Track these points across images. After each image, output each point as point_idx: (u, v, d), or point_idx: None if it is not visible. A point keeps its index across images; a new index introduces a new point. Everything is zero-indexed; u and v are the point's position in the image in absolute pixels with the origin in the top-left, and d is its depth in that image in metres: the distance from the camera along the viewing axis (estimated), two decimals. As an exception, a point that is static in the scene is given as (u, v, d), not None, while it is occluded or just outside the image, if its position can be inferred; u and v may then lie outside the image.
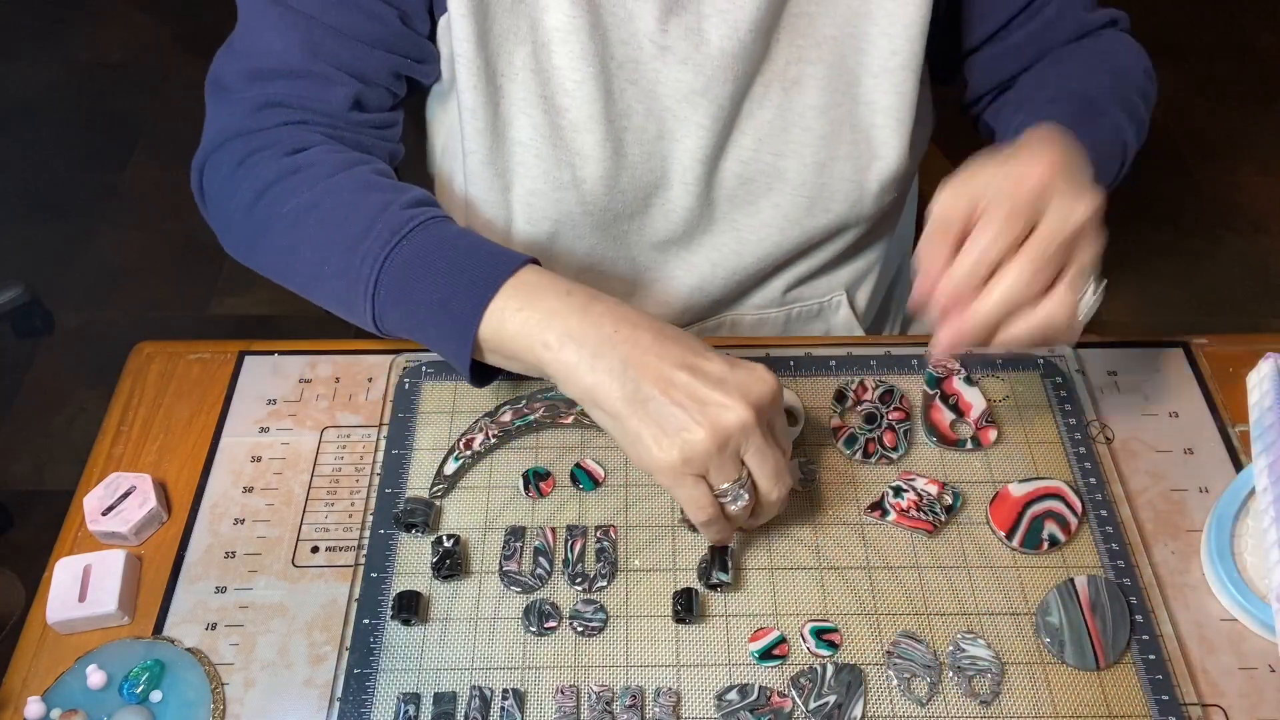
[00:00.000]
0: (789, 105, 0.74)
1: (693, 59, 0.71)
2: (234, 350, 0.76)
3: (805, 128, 0.74)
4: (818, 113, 0.74)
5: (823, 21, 0.71)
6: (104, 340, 1.80)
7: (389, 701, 0.59)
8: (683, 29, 0.70)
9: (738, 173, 0.76)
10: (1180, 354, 0.75)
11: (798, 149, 0.75)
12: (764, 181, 0.77)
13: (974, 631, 0.61)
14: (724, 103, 0.72)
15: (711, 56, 0.70)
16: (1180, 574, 0.64)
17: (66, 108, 2.25)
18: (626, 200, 0.77)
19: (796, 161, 0.75)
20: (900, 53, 0.72)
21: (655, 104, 0.73)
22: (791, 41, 0.72)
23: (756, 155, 0.75)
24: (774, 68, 0.73)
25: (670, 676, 0.60)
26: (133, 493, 0.66)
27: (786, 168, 0.76)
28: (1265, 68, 2.27)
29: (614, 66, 0.72)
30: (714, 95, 0.72)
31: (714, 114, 0.73)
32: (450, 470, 0.69)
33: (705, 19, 0.70)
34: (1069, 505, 0.66)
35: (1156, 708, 0.59)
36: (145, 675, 0.59)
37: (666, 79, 0.72)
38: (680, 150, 0.75)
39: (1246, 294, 1.86)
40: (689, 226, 0.79)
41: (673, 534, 0.66)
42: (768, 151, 0.75)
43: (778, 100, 0.74)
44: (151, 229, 1.98)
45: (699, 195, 0.77)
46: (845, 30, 0.72)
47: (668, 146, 0.75)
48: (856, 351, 0.75)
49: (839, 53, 0.72)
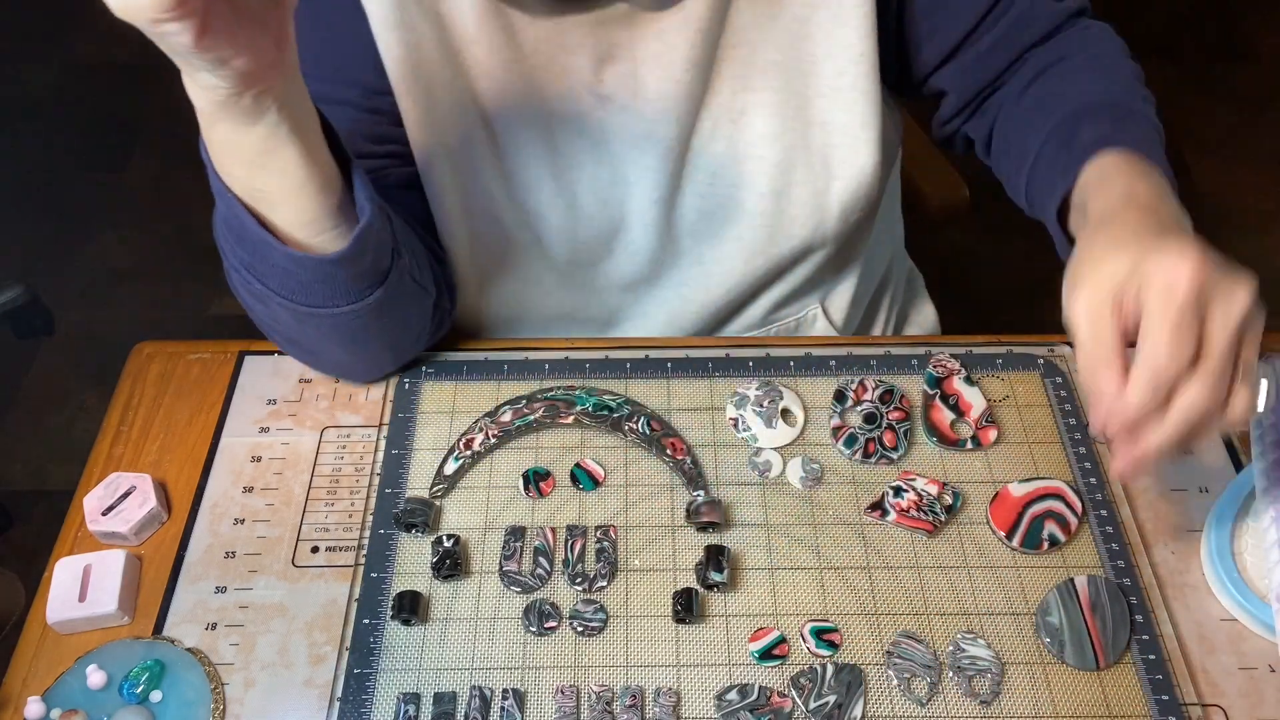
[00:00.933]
0: (739, 136, 0.73)
1: (632, 106, 0.70)
2: (234, 350, 0.76)
3: (758, 157, 0.73)
4: (769, 140, 0.73)
5: (764, 49, 0.70)
6: (104, 340, 1.79)
7: (389, 701, 0.59)
8: (618, 77, 0.69)
9: (696, 208, 0.76)
10: (1180, 354, 0.75)
11: (752, 179, 0.74)
12: (722, 215, 0.76)
13: (974, 631, 0.61)
14: (671, 143, 0.72)
15: (650, 101, 0.70)
16: (1180, 574, 0.64)
17: (66, 108, 2.25)
18: (589, 249, 0.77)
19: (752, 191, 0.75)
20: (847, 72, 0.70)
21: (604, 152, 0.73)
22: (734, 73, 0.71)
23: (712, 189, 0.75)
24: (719, 100, 0.72)
25: (670, 676, 0.60)
26: (133, 493, 0.66)
27: (744, 198, 0.75)
28: (1265, 68, 2.27)
29: (555, 121, 0.72)
30: (659, 137, 0.72)
31: (662, 155, 0.73)
32: (450, 470, 0.69)
33: (640, 64, 0.69)
34: (1069, 505, 0.66)
35: (1156, 708, 0.59)
36: (145, 675, 0.59)
37: (611, 127, 0.72)
38: (635, 193, 0.75)
39: (1246, 294, 1.86)
40: (654, 265, 0.79)
41: (673, 534, 0.66)
42: (723, 184, 0.75)
43: (727, 133, 0.73)
44: (151, 229, 1.98)
45: (660, 234, 0.77)
46: (788, 54, 0.71)
47: (623, 191, 0.75)
48: (856, 351, 0.75)
49: (784, 78, 0.71)
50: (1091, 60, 0.74)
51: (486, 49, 0.68)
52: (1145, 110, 0.70)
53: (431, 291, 0.71)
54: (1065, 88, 0.73)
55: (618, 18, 0.67)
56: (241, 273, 0.62)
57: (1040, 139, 0.70)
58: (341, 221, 0.60)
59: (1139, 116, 0.69)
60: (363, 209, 0.60)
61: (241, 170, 0.56)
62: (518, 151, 0.73)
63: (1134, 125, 0.68)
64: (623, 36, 0.68)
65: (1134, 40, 0.75)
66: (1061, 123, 0.69)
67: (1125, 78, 0.73)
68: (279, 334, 0.69)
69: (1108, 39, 0.76)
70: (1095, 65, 0.73)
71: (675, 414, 0.72)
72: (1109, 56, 0.74)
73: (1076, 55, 0.74)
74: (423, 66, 0.68)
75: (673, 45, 0.68)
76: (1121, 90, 0.71)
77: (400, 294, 0.66)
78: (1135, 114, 0.69)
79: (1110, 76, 0.73)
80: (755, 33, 0.70)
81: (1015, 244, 1.43)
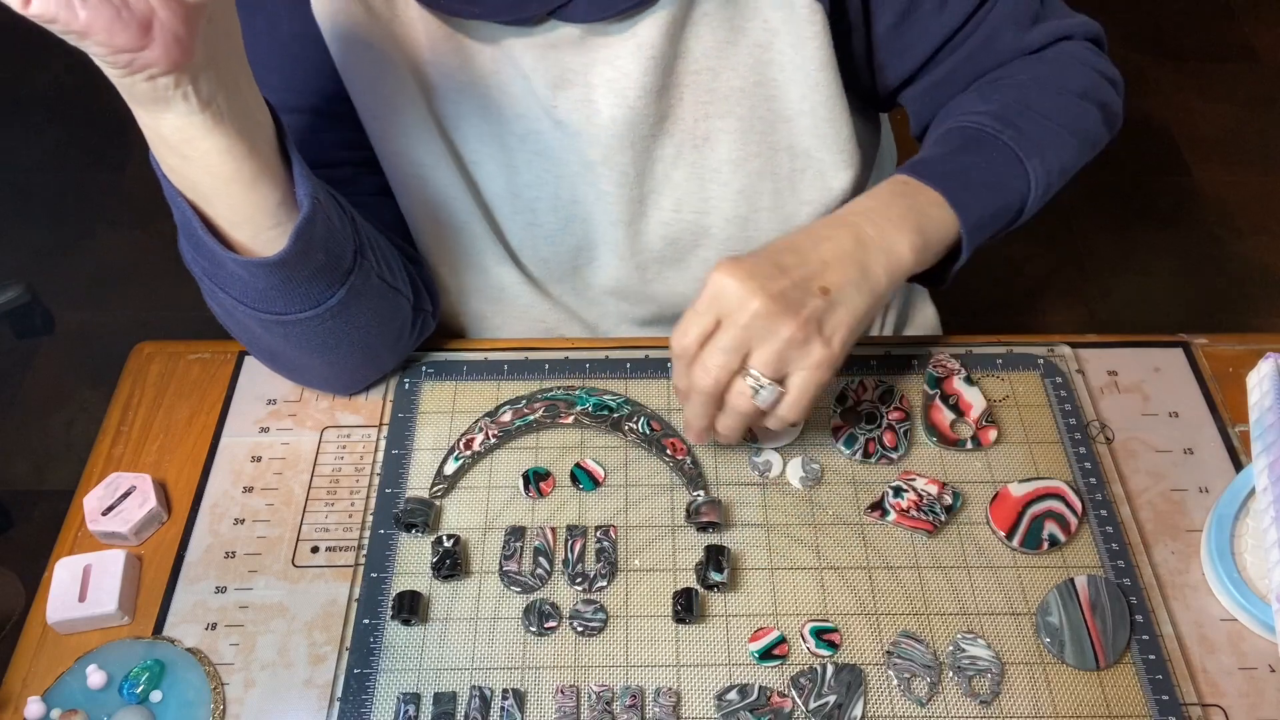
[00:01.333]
0: (702, 163, 0.72)
1: (586, 131, 0.70)
2: (234, 350, 0.76)
3: (723, 183, 0.73)
4: (734, 166, 0.72)
5: (726, 75, 0.69)
6: (104, 340, 1.80)
7: (389, 701, 0.59)
8: (572, 101, 0.69)
9: (661, 234, 0.76)
10: (1180, 354, 0.75)
11: (718, 204, 0.74)
12: (689, 240, 0.76)
13: (974, 631, 0.61)
14: (627, 169, 0.72)
15: (604, 126, 0.69)
16: (1180, 574, 0.64)
17: (66, 108, 2.24)
18: (556, 265, 0.78)
19: (719, 217, 0.75)
20: (809, 97, 0.70)
21: (562, 173, 0.73)
22: (696, 99, 0.70)
23: (677, 216, 0.75)
24: (682, 127, 0.71)
25: (670, 676, 0.60)
26: (133, 493, 0.66)
27: (710, 224, 0.75)
28: (1265, 68, 2.27)
29: (514, 141, 0.72)
30: (615, 163, 0.71)
31: (619, 181, 0.72)
32: (450, 470, 0.69)
33: (593, 89, 0.68)
34: (1069, 505, 0.66)
35: (1156, 708, 0.59)
36: (145, 675, 0.59)
37: (566, 150, 0.72)
38: (596, 215, 0.75)
39: (1246, 294, 1.86)
40: (625, 284, 0.79)
41: (673, 534, 0.66)
42: (688, 210, 0.74)
43: (691, 159, 0.72)
44: (151, 229, 1.98)
45: (627, 258, 0.77)
46: (751, 80, 0.69)
47: (586, 210, 0.75)
48: (856, 351, 0.75)
49: (748, 104, 0.70)
50: (1011, 81, 0.72)
51: (442, 70, 0.68)
52: (1004, 136, 0.68)
53: (407, 293, 0.70)
54: (959, 102, 0.74)
55: (569, 41, 0.66)
56: (206, 283, 0.62)
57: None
58: (285, 219, 0.59)
59: (984, 142, 0.69)
60: (300, 204, 0.59)
61: (172, 159, 0.56)
62: (478, 167, 0.73)
63: (968, 152, 0.68)
64: (575, 61, 0.67)
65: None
66: (934, 137, 0.72)
67: (1025, 97, 0.71)
68: (257, 349, 0.69)
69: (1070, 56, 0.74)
70: (1006, 86, 0.72)
71: (675, 414, 0.72)
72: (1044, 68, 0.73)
73: (1003, 79, 0.73)
74: (381, 84, 0.68)
75: (625, 72, 0.67)
76: (998, 109, 0.70)
77: (366, 294, 0.65)
78: (980, 140, 0.69)
79: (1012, 93, 0.71)
80: (716, 59, 0.68)
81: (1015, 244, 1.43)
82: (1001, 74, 0.73)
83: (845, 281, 0.60)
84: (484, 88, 0.69)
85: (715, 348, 0.59)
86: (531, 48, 0.67)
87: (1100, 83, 0.74)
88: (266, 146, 0.57)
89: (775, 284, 0.58)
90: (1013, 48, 0.73)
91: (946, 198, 0.65)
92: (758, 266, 0.59)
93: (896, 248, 0.62)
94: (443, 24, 0.67)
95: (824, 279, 0.60)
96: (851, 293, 0.60)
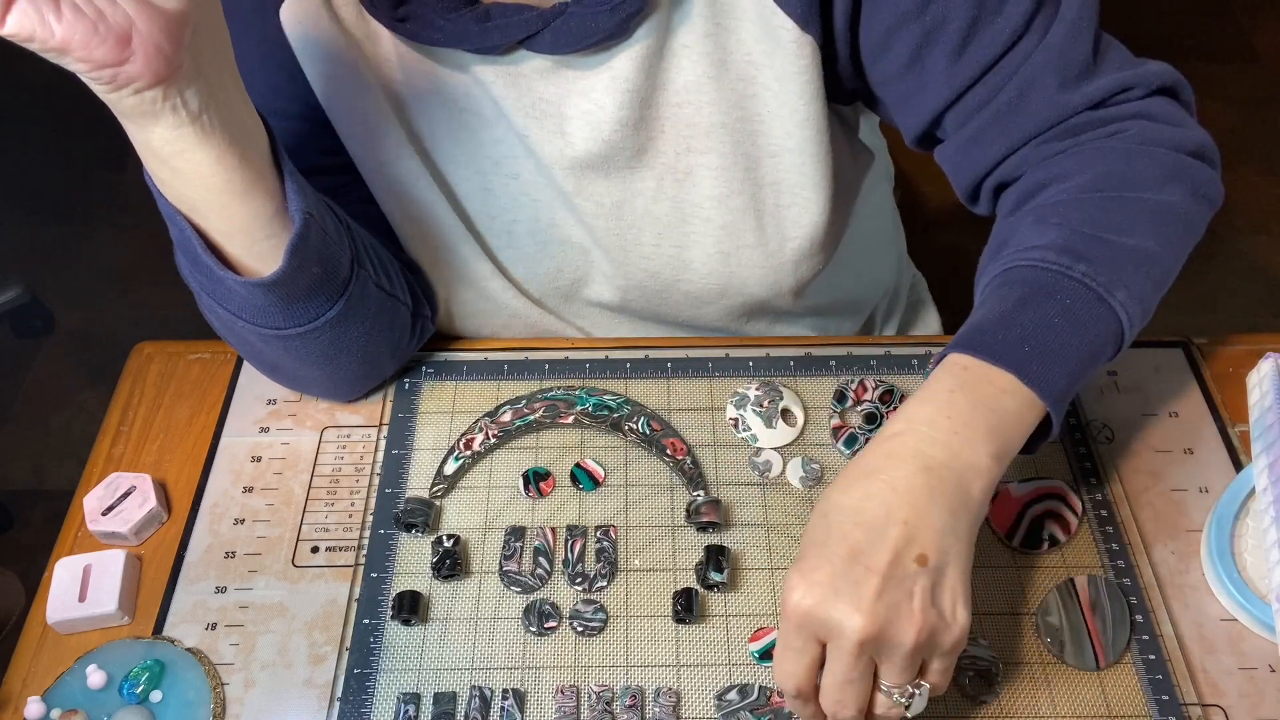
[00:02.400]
0: (684, 198, 0.71)
1: (559, 162, 0.69)
2: (234, 350, 0.76)
3: (705, 219, 0.71)
4: (716, 202, 0.70)
5: (708, 110, 0.67)
6: (104, 340, 1.80)
7: (389, 701, 0.59)
8: (545, 132, 0.67)
9: (644, 268, 0.75)
10: (1180, 354, 0.75)
11: (699, 239, 0.72)
12: (670, 274, 0.75)
13: (974, 631, 0.61)
14: (602, 200, 0.71)
15: (578, 159, 0.68)
16: (1180, 574, 0.64)
17: (66, 108, 2.24)
18: (547, 284, 0.77)
19: (700, 252, 0.73)
20: (794, 135, 0.67)
21: (540, 195, 0.72)
22: (677, 133, 0.68)
23: (658, 250, 0.73)
24: (663, 160, 0.69)
25: (670, 676, 0.60)
26: (133, 493, 0.66)
27: (691, 259, 0.74)
28: (1265, 68, 2.27)
29: (489, 165, 0.71)
30: (589, 194, 0.70)
31: (594, 212, 0.71)
32: (450, 470, 0.69)
33: (567, 120, 0.67)
34: (1069, 505, 0.66)
35: (1156, 708, 0.59)
36: (145, 675, 0.59)
37: (540, 179, 0.71)
38: (574, 241, 0.75)
39: (1246, 294, 1.86)
40: (617, 303, 0.78)
41: (673, 534, 0.66)
42: (669, 244, 0.73)
43: (672, 193, 0.70)
44: (151, 229, 1.97)
45: (617, 288, 0.77)
46: (733, 115, 0.67)
47: (564, 235, 0.74)
48: (856, 351, 0.75)
49: (731, 140, 0.68)
50: (1069, 199, 0.61)
51: (414, 93, 0.68)
52: (1074, 272, 0.57)
53: (406, 300, 0.70)
54: (1011, 232, 0.62)
55: (539, 71, 0.65)
56: (204, 298, 0.62)
57: (980, 273, 0.63)
58: (279, 230, 0.58)
59: (1051, 288, 0.57)
60: (293, 219, 0.58)
61: (163, 172, 0.55)
62: (457, 187, 0.73)
63: (1033, 305, 0.56)
64: (548, 91, 0.66)
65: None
66: (985, 285, 0.61)
67: (1091, 215, 0.59)
68: (259, 362, 0.69)
69: (1129, 147, 0.62)
70: (1065, 206, 0.60)
71: (675, 414, 0.72)
72: (1099, 180, 0.61)
73: (1060, 182, 0.62)
74: (358, 101, 0.67)
75: (600, 104, 0.65)
76: (1061, 239, 0.58)
77: (365, 303, 0.65)
78: (1045, 285, 0.57)
79: (1074, 213, 0.60)
80: (696, 93, 0.66)
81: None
82: (1056, 176, 0.63)
83: (936, 534, 0.50)
84: (457, 111, 0.69)
85: (838, 682, 0.50)
86: (501, 76, 0.66)
87: (1182, 162, 0.61)
88: (259, 157, 0.57)
89: (867, 590, 0.48)
90: (1056, 106, 0.62)
91: (1019, 377, 0.54)
92: (835, 575, 0.49)
93: (975, 463, 0.52)
94: (413, 49, 0.66)
95: (912, 547, 0.49)
96: (950, 542, 0.50)
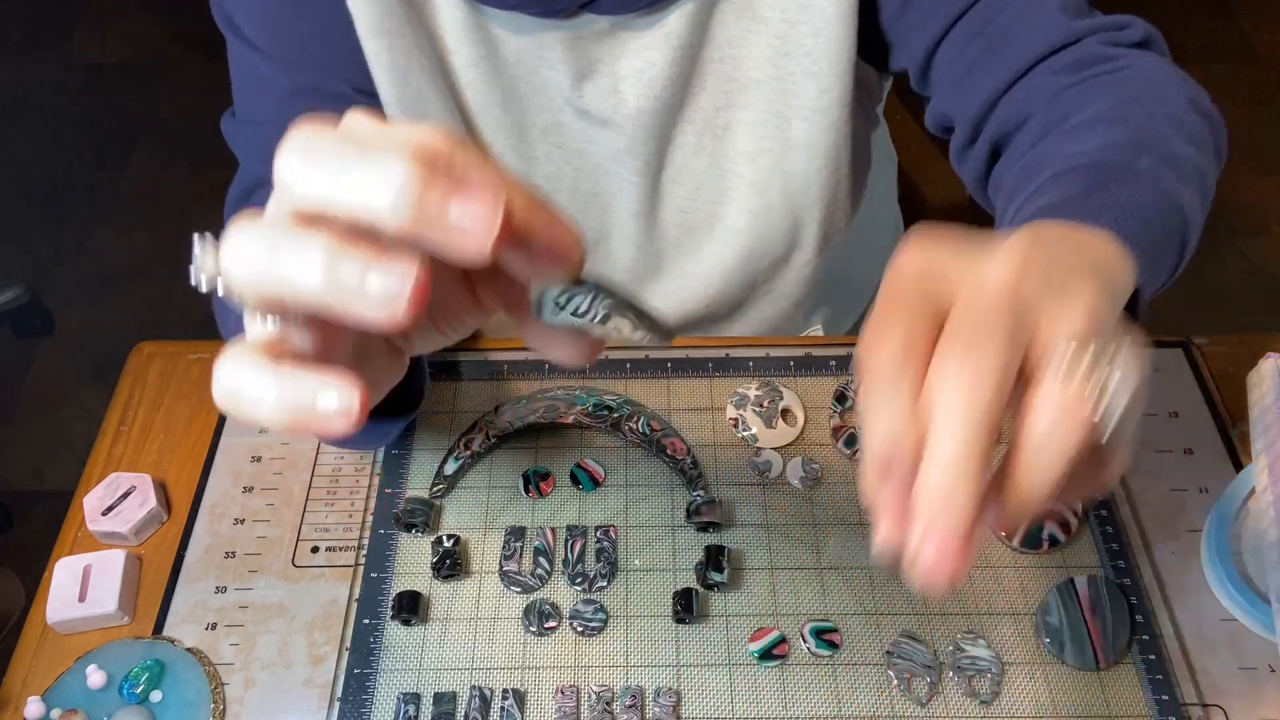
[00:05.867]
0: (721, 152, 0.72)
1: (613, 120, 0.70)
2: (234, 350, 0.76)
3: (738, 175, 0.73)
4: (748, 159, 0.72)
5: (746, 65, 0.69)
6: (104, 340, 1.80)
7: (389, 701, 0.59)
8: (599, 92, 0.69)
9: (677, 222, 0.76)
10: (1180, 354, 0.75)
11: (733, 195, 0.74)
12: (704, 230, 0.76)
13: (974, 631, 0.61)
14: (650, 158, 0.72)
15: (631, 116, 0.69)
16: (1180, 574, 0.64)
17: (66, 108, 2.25)
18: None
19: (734, 208, 0.75)
20: (830, 89, 0.68)
21: (585, 163, 0.73)
22: (718, 88, 0.70)
23: (693, 204, 0.75)
24: (702, 115, 0.71)
25: (670, 676, 0.60)
26: (133, 493, 0.66)
27: (725, 214, 0.75)
28: (1265, 68, 2.27)
29: (536, 134, 0.72)
30: (639, 152, 0.71)
31: (641, 170, 0.72)
32: (450, 470, 0.69)
33: (621, 80, 0.68)
34: (1069, 505, 0.66)
35: (1156, 708, 0.59)
36: (145, 675, 0.59)
37: (590, 141, 0.72)
38: (615, 206, 0.75)
39: (1246, 294, 1.86)
40: (634, 274, 0.79)
41: (673, 534, 0.66)
42: (704, 200, 0.74)
43: (710, 148, 0.72)
44: (151, 229, 1.98)
45: (641, 246, 0.77)
46: (770, 73, 0.69)
47: (604, 202, 0.75)
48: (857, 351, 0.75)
49: (766, 96, 0.70)
50: (1106, 112, 0.58)
51: (468, 59, 0.68)
52: (1147, 167, 0.52)
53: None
54: (1059, 147, 0.57)
55: (597, 33, 0.67)
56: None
57: (1008, 199, 0.57)
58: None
59: (1116, 174, 0.52)
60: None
61: None
62: (501, 157, 0.73)
63: (1110, 188, 0.51)
64: (603, 52, 0.68)
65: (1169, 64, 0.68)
66: (1034, 190, 0.54)
67: (1139, 126, 0.56)
68: None
69: (1152, 73, 0.60)
70: (1101, 121, 0.57)
71: (675, 414, 0.72)
72: (1132, 101, 0.58)
73: (1090, 106, 0.59)
74: (410, 76, 0.68)
75: (652, 62, 0.67)
76: (1113, 139, 0.55)
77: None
78: (1109, 172, 0.52)
79: (1120, 126, 0.56)
80: (739, 48, 0.68)
81: (1015, 244, 1.43)
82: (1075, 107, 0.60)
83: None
84: (508, 78, 0.70)
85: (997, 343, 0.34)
86: (559, 40, 0.67)
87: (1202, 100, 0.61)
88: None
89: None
90: (1061, 27, 0.61)
91: (1115, 231, 0.42)
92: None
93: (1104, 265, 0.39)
94: (472, 13, 0.67)
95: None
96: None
